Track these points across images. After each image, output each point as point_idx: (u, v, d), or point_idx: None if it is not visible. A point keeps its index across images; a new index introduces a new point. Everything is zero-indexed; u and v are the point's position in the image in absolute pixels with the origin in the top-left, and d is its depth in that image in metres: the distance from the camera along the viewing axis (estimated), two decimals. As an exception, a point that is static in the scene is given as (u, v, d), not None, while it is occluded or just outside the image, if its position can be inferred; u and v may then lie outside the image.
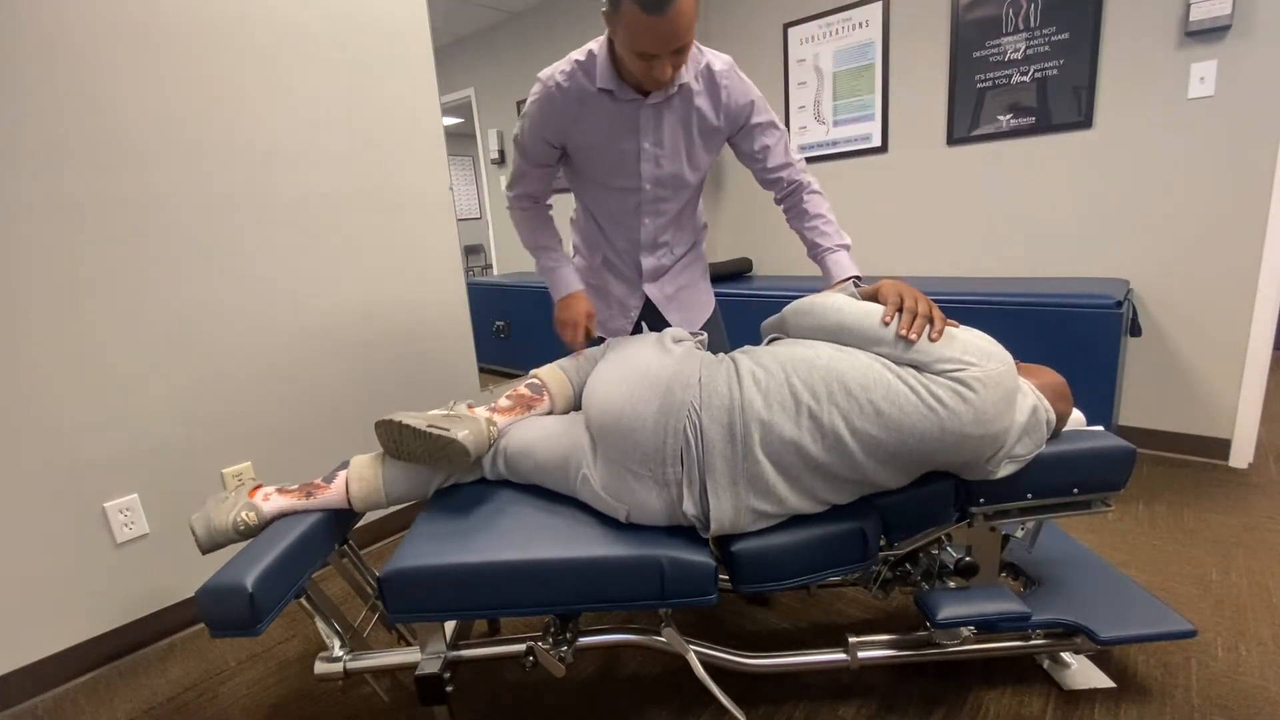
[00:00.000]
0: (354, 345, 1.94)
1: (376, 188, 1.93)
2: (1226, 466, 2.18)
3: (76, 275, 1.43)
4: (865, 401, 0.97)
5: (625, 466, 1.04)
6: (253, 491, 1.19)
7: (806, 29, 2.87)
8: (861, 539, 1.07)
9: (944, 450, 0.99)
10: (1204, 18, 1.96)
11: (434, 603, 1.03)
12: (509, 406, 1.24)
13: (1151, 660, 1.31)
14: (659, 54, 1.06)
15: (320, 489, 1.20)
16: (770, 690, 1.30)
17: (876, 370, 0.99)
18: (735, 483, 1.01)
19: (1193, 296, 2.17)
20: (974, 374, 0.96)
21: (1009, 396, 1.00)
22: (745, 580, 1.06)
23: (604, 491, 1.07)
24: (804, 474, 1.01)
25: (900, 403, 0.96)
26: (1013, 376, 1.01)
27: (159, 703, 1.40)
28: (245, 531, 1.15)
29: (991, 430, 0.99)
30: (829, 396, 0.98)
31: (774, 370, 1.02)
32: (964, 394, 0.96)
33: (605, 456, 1.06)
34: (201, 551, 1.14)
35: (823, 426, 0.98)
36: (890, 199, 2.79)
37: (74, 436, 1.45)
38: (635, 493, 1.04)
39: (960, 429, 0.96)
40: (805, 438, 0.98)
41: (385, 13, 1.90)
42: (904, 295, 1.05)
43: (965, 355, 0.98)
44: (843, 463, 1.00)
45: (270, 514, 1.17)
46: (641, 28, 1.02)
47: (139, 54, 1.47)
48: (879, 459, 0.99)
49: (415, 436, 1.10)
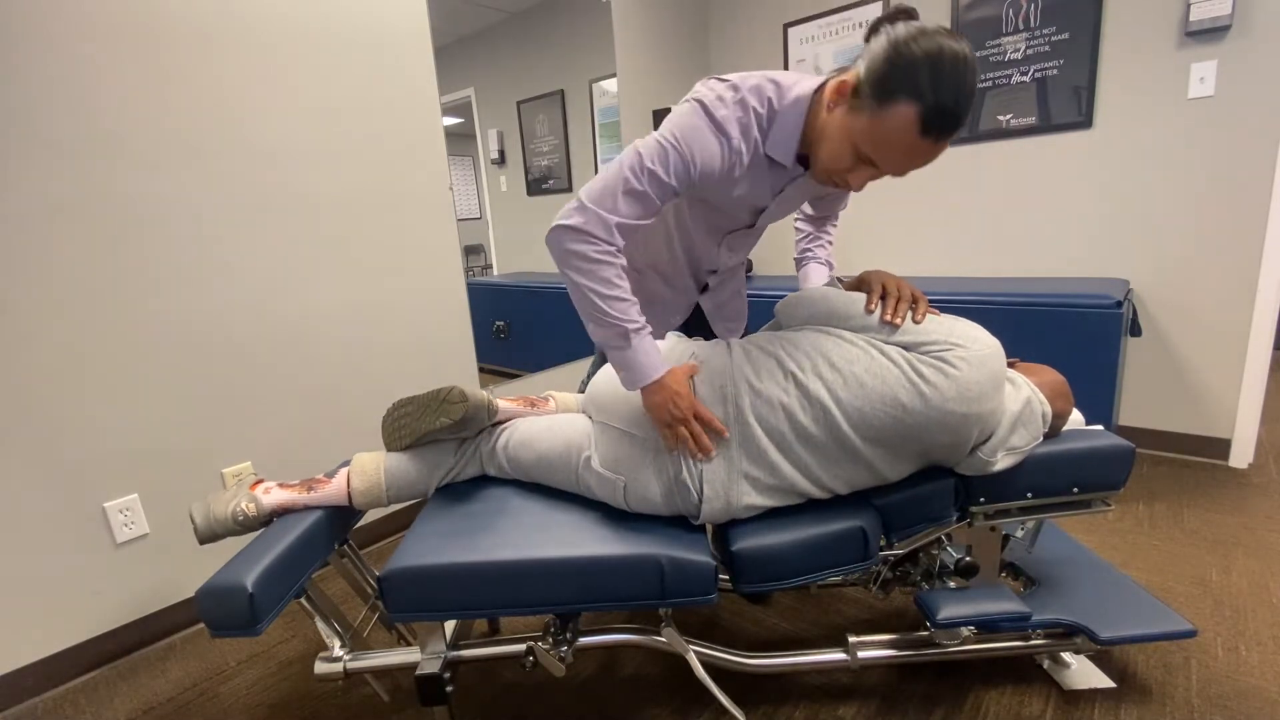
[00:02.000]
0: (354, 345, 1.93)
1: (377, 188, 1.93)
2: (1226, 466, 2.18)
3: (76, 275, 1.43)
4: (850, 374, 1.00)
5: (623, 432, 1.07)
6: (254, 485, 1.19)
7: (806, 29, 2.87)
8: (862, 539, 1.07)
9: (929, 427, 1.00)
10: (1204, 18, 1.96)
11: (434, 602, 1.03)
12: (513, 399, 1.28)
13: (1151, 660, 1.31)
14: (887, 171, 0.90)
15: (321, 484, 1.20)
16: (770, 690, 1.30)
17: (861, 347, 1.03)
18: (728, 445, 1.03)
19: (1193, 296, 2.17)
20: (959, 353, 0.99)
21: (994, 378, 1.01)
22: (745, 580, 1.06)
23: (602, 467, 1.09)
24: (795, 444, 1.03)
25: (884, 375, 0.99)
26: (999, 360, 1.02)
27: (159, 703, 1.40)
28: (244, 523, 1.15)
29: (976, 409, 1.00)
30: (814, 369, 1.02)
31: (763, 345, 1.08)
32: (947, 370, 0.98)
33: (604, 427, 1.10)
34: (199, 540, 1.13)
35: (809, 395, 1.01)
36: (890, 199, 2.78)
37: (74, 436, 1.45)
38: (632, 459, 1.06)
39: (943, 404, 0.98)
40: (794, 404, 1.01)
41: (385, 13, 1.90)
42: (886, 283, 1.07)
43: (950, 337, 1.01)
44: (831, 436, 1.01)
45: (270, 507, 1.17)
46: (908, 146, 0.85)
47: (138, 55, 1.47)
48: (866, 436, 1.01)
49: (409, 402, 1.14)
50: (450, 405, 1.11)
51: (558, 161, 2.67)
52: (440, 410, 1.12)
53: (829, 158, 0.94)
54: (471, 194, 2.44)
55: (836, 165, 0.93)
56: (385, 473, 1.19)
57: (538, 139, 2.60)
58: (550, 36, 3.77)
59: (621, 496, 1.09)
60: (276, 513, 1.18)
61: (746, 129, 0.97)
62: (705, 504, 1.05)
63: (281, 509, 1.18)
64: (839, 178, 0.95)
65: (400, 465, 1.20)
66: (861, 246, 2.91)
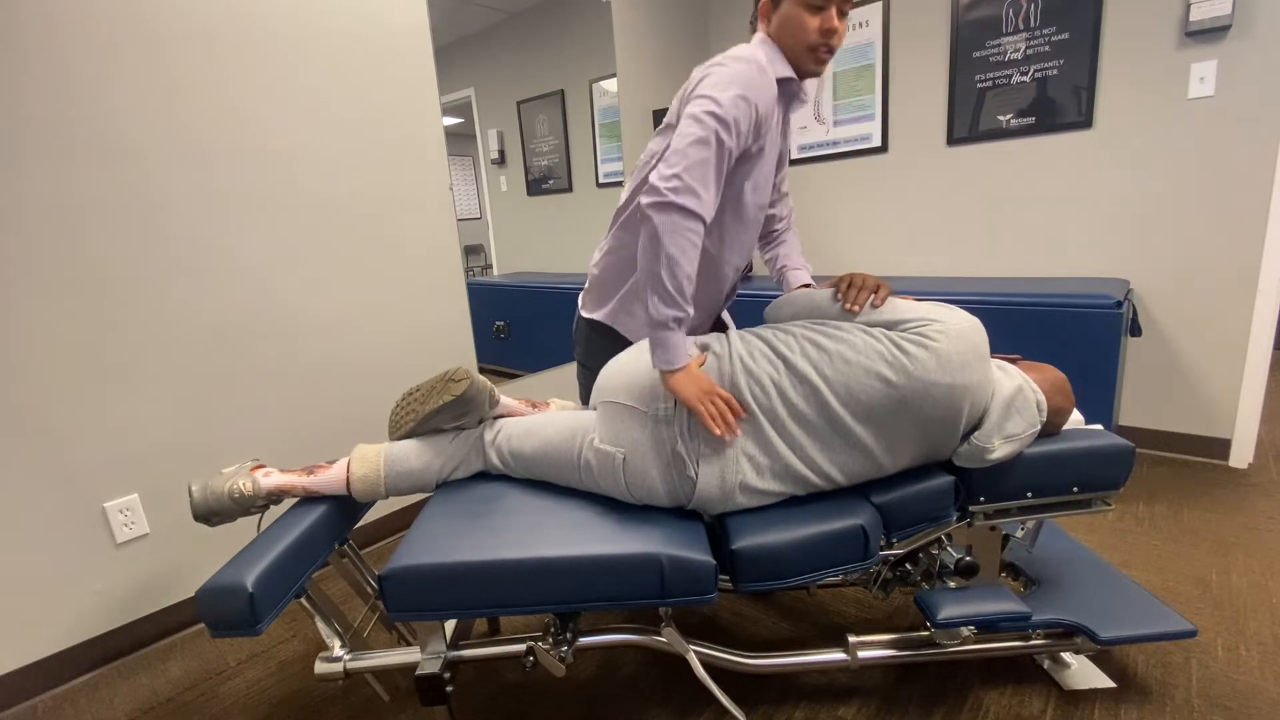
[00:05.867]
0: (354, 345, 1.94)
1: (377, 187, 1.93)
2: (1226, 466, 2.18)
3: (77, 275, 1.43)
4: (835, 352, 1.07)
5: (623, 404, 1.10)
6: (255, 468, 1.21)
7: (806, 29, 2.87)
8: (862, 538, 1.07)
9: (917, 400, 1.03)
10: (1204, 18, 1.96)
11: (434, 602, 1.03)
12: (515, 398, 1.31)
13: (1151, 660, 1.31)
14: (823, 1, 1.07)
15: (322, 469, 1.22)
16: (770, 690, 1.30)
17: (845, 329, 1.11)
18: None
19: (1193, 296, 2.17)
20: (936, 328, 1.06)
21: (975, 349, 1.06)
22: (745, 579, 1.06)
23: (603, 442, 1.11)
24: (788, 421, 1.06)
25: (866, 351, 1.06)
26: (977, 333, 1.08)
27: (159, 703, 1.40)
28: (240, 501, 1.15)
29: (960, 380, 1.03)
30: (802, 350, 1.09)
31: (756, 332, 1.16)
32: (926, 344, 1.04)
33: (606, 404, 1.13)
34: (194, 516, 1.14)
35: (798, 373, 1.07)
36: (890, 199, 2.78)
37: (74, 436, 1.45)
38: (631, 431, 1.09)
39: (925, 375, 1.03)
40: (785, 383, 1.07)
41: (386, 13, 1.90)
42: (852, 277, 1.18)
43: (929, 315, 1.08)
44: (822, 414, 1.06)
45: (268, 489, 1.18)
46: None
47: (140, 55, 1.47)
48: (856, 413, 1.05)
49: (417, 389, 1.19)
50: (454, 383, 1.15)
51: (558, 161, 2.67)
52: (444, 389, 1.16)
53: (796, 32, 1.11)
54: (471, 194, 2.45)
55: (805, 32, 1.10)
56: (385, 462, 1.20)
57: (538, 139, 2.60)
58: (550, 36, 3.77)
59: (621, 473, 1.10)
60: (274, 495, 1.19)
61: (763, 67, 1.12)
62: (700, 479, 1.06)
63: (280, 491, 1.19)
64: (819, 39, 1.11)
65: (400, 454, 1.22)
66: (863, 246, 2.92)
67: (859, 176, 2.86)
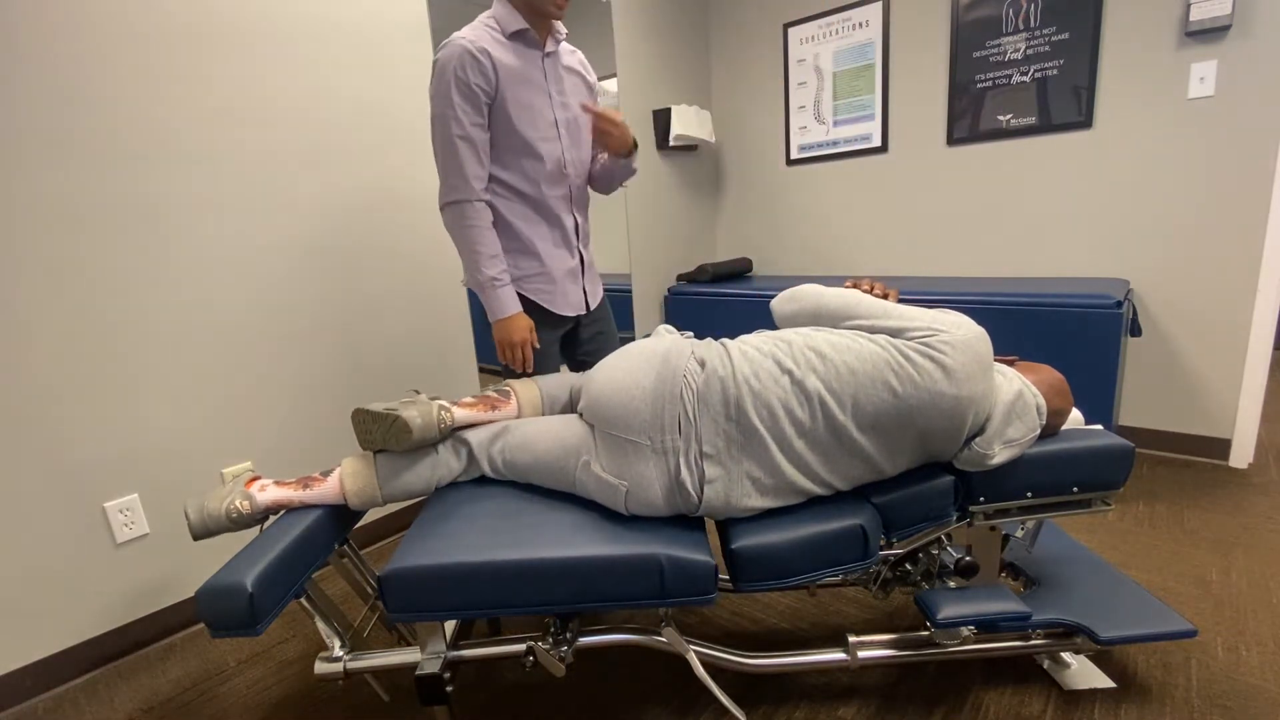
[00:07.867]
0: (354, 345, 1.94)
1: (376, 188, 1.93)
2: (1226, 466, 2.18)
3: (77, 276, 1.43)
4: (840, 363, 1.05)
5: (625, 439, 1.07)
6: (250, 482, 1.19)
7: (806, 29, 2.87)
8: (861, 538, 1.07)
9: (923, 410, 1.02)
10: (1204, 18, 1.96)
11: (434, 602, 1.03)
12: (471, 403, 1.26)
13: (1151, 660, 1.31)
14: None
15: (317, 482, 1.20)
16: (770, 690, 1.30)
17: (849, 336, 1.09)
18: (729, 445, 1.05)
19: (1193, 296, 2.17)
20: (942, 338, 1.04)
21: (981, 361, 1.05)
22: (746, 580, 1.06)
23: (604, 472, 1.09)
24: (795, 440, 1.05)
25: (873, 360, 1.04)
26: (983, 343, 1.06)
27: (159, 703, 1.40)
28: (238, 520, 1.14)
29: (965, 391, 1.02)
30: (808, 363, 1.06)
31: (759, 346, 1.11)
32: (933, 354, 1.03)
33: (605, 434, 1.10)
34: (193, 536, 1.13)
35: (805, 390, 1.04)
36: (890, 199, 2.79)
37: (74, 436, 1.45)
38: (634, 465, 1.07)
39: (932, 386, 1.01)
40: (791, 401, 1.05)
41: (386, 13, 1.90)
42: (860, 283, 1.23)
43: (934, 324, 1.06)
44: (829, 429, 1.04)
45: (264, 504, 1.17)
46: None
47: (139, 56, 1.47)
48: (862, 424, 1.04)
49: (372, 419, 1.15)
50: (399, 435, 1.13)
51: (558, 161, 2.66)
52: (393, 433, 1.14)
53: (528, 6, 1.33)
54: (471, 194, 2.45)
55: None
56: (379, 476, 1.19)
57: (538, 139, 2.59)
58: (550, 36, 3.76)
59: (622, 501, 1.09)
60: (271, 510, 1.18)
61: (479, 33, 1.32)
62: (705, 504, 1.06)
63: (276, 506, 1.18)
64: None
65: (391, 470, 1.19)
66: (862, 247, 2.92)
67: (859, 176, 2.86)
